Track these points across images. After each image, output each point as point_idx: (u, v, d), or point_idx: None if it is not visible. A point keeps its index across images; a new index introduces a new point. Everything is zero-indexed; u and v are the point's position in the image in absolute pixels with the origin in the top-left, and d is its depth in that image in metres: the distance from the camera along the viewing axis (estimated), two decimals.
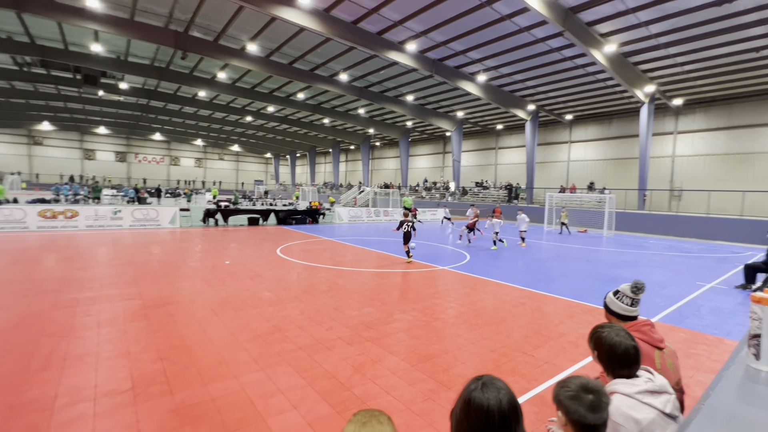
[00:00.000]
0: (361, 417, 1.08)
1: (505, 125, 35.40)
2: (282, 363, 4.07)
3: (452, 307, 6.27)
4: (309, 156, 55.81)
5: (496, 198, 32.14)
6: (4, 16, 17.53)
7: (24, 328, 4.77)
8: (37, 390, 3.37)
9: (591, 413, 1.27)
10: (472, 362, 4.26)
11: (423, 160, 46.37)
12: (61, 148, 51.86)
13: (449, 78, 21.46)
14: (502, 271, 9.40)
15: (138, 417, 3.03)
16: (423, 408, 3.31)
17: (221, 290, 6.83)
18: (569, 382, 1.36)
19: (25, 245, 10.76)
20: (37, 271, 7.80)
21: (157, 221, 16.23)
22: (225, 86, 27.23)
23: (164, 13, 16.86)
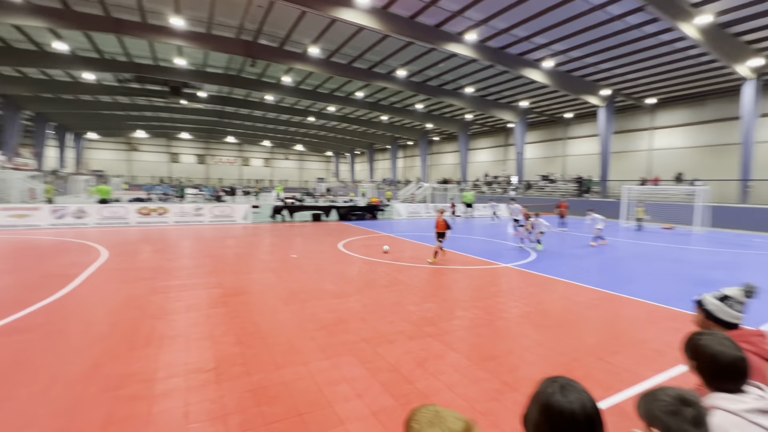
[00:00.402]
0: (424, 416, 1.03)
1: (575, 113, 32.84)
2: (346, 353, 4.22)
3: (517, 307, 6.01)
4: (368, 153, 56.88)
5: (564, 192, 30.02)
6: (108, 40, 20.24)
7: (129, 309, 5.51)
8: (142, 363, 3.88)
9: (696, 428, 1.10)
10: (540, 365, 4.05)
11: (483, 153, 44.83)
12: (152, 153, 58.88)
13: (512, 66, 20.43)
14: (573, 271, 8.77)
15: (222, 393, 3.36)
16: (488, 408, 3.23)
17: (289, 282, 7.26)
18: (661, 394, 1.19)
19: (128, 238, 12.38)
20: (137, 260, 8.95)
21: (232, 217, 17.70)
22: (289, 89, 28.72)
23: (235, 24, 18.22)
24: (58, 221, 14.54)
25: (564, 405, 1.04)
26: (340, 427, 2.92)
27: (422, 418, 1.05)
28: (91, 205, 15.65)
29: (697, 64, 20.16)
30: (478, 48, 18.87)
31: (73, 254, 9.43)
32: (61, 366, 3.78)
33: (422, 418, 1.05)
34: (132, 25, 17.47)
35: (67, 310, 5.44)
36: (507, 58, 20.11)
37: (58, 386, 3.41)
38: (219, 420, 2.98)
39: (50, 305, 5.60)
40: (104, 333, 4.63)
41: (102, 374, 3.64)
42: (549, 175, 33.80)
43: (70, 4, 16.27)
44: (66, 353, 4.07)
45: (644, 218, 18.04)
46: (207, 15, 17.21)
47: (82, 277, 7.16)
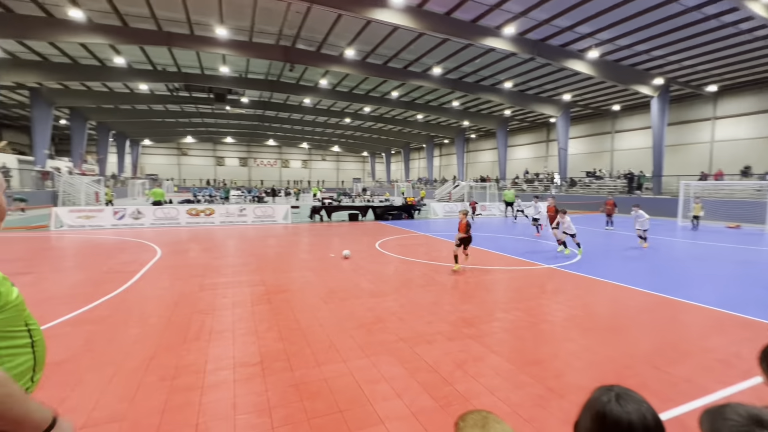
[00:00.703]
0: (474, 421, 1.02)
1: (624, 105, 30.90)
2: (385, 352, 4.24)
3: (561, 310, 5.74)
4: (403, 153, 56.82)
5: (612, 189, 28.31)
6: (160, 52, 21.74)
7: (182, 304, 5.87)
8: (193, 356, 4.12)
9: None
10: (588, 371, 3.84)
11: (523, 150, 43.36)
12: (199, 157, 62.52)
13: (554, 58, 19.56)
14: (624, 272, 8.25)
15: (266, 387, 3.48)
16: (532, 414, 3.11)
17: (328, 280, 7.40)
18: (730, 411, 1.03)
19: (179, 237, 13.21)
20: (187, 259, 9.52)
21: (273, 217, 18.37)
22: (326, 92, 29.34)
23: (275, 31, 18.88)
24: (119, 222, 15.80)
25: (621, 415, 0.96)
26: (380, 426, 2.94)
27: (470, 421, 1.03)
28: (146, 206, 16.86)
29: (766, 47, 18.25)
30: (517, 41, 18.26)
31: (131, 252, 10.21)
32: (123, 355, 4.10)
33: (470, 421, 1.03)
34: (181, 38, 18.64)
35: (128, 303, 5.89)
36: (548, 50, 19.30)
37: (121, 373, 3.70)
38: (265, 412, 3.09)
39: (113, 299, 6.09)
40: (160, 326, 4.96)
41: (158, 364, 3.90)
42: (595, 171, 32.02)
43: (128, 22, 17.63)
44: (127, 343, 4.41)
45: (701, 215, 16.55)
46: (249, 24, 17.98)
47: (140, 274, 7.73)
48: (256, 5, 16.12)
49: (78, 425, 2.90)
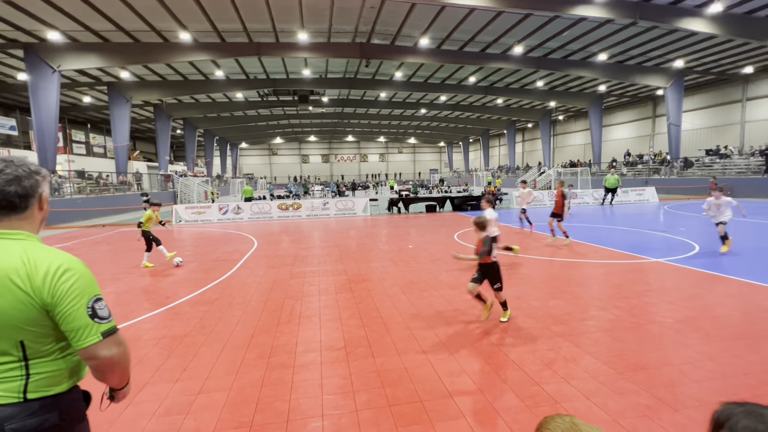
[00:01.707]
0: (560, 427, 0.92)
1: (759, 66, 25.38)
2: (466, 345, 4.14)
3: (674, 310, 4.98)
4: (482, 140, 54.51)
5: (743, 169, 23.57)
6: (252, 62, 23.96)
7: (275, 291, 6.45)
8: (286, 337, 4.50)
9: None
10: (711, 383, 3.27)
11: (622, 129, 38.48)
12: (287, 156, 67.86)
13: (662, 20, 16.81)
14: (761, 268, 6.84)
15: (350, 371, 3.65)
16: (636, 425, 2.76)
17: (407, 271, 7.47)
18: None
19: (272, 230, 14.53)
20: (279, 249, 10.43)
21: (353, 210, 19.15)
22: (401, 84, 29.40)
23: (350, 29, 19.43)
24: (223, 216, 17.96)
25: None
26: (461, 420, 2.88)
27: (556, 428, 0.94)
28: (244, 203, 18.88)
29: None
30: (613, 5, 16.08)
31: (234, 243, 11.53)
32: (229, 333, 4.66)
33: (556, 428, 0.94)
34: (269, 46, 20.28)
35: (232, 288, 6.67)
36: (654, 10, 16.64)
37: (228, 349, 4.21)
38: (349, 395, 3.25)
39: (220, 284, 6.95)
40: (258, 309, 5.52)
41: (257, 343, 4.35)
42: (719, 149, 26.93)
43: (225, 38, 19.74)
44: (232, 323, 5.00)
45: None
46: (327, 25, 18.79)
47: (241, 262, 8.69)
48: (333, 5, 16.75)
49: (196, 390, 3.38)
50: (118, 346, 1.28)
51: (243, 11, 16.94)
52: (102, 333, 1.23)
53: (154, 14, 16.88)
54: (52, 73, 18.73)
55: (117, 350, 1.27)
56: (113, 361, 1.26)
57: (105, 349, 1.23)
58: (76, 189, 22.14)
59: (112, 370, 1.28)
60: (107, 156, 37.50)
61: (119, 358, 1.28)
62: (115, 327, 1.29)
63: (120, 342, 1.29)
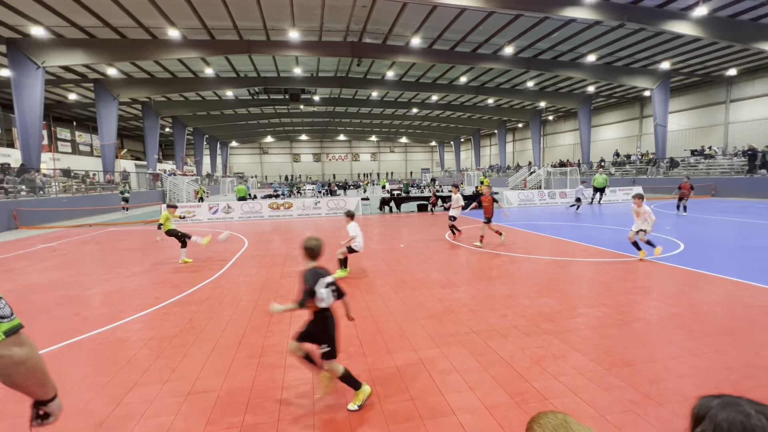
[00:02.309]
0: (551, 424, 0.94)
1: (743, 68, 26.00)
2: (456, 344, 4.17)
3: (659, 307, 5.09)
4: (473, 140, 54.84)
5: (726, 169, 24.12)
6: (242, 60, 23.73)
7: (266, 290, 6.41)
8: (277, 337, 4.48)
9: None
10: (695, 378, 3.35)
11: (611, 129, 39.06)
12: (278, 155, 67.36)
13: (648, 22, 17.12)
14: (743, 266, 7.01)
15: None
16: (623, 420, 2.81)
17: (398, 270, 7.50)
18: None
19: (263, 229, 14.43)
20: (270, 248, 10.36)
21: (345, 209, 19.11)
22: (393, 83, 29.42)
23: (342, 28, 19.37)
24: (213, 216, 17.78)
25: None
26: (451, 417, 2.90)
27: (548, 424, 0.95)
28: (235, 202, 18.70)
29: None
30: (602, 7, 16.32)
31: (224, 243, 11.41)
32: (219, 333, 4.62)
33: (548, 424, 0.95)
34: (259, 44, 20.11)
35: (222, 288, 6.61)
36: (641, 12, 16.93)
37: (218, 350, 4.18)
38: (339, 394, 3.25)
39: (210, 284, 6.88)
40: (248, 309, 5.49)
41: (248, 343, 4.33)
42: (704, 149, 27.52)
43: (215, 35, 19.53)
44: (222, 323, 4.96)
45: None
46: (318, 24, 18.71)
47: (231, 262, 8.62)
48: (324, 4, 16.68)
49: (185, 391, 3.35)
50: (21, 346, 1.22)
51: (233, 8, 16.78)
52: (3, 332, 1.18)
53: (141, 10, 16.62)
54: (36, 69, 18.32)
55: (20, 350, 1.21)
56: (16, 362, 1.20)
57: (5, 349, 1.18)
58: (61, 188, 21.70)
59: (17, 370, 1.21)
60: (94, 154, 36.87)
61: (25, 358, 1.22)
62: (19, 325, 1.24)
63: (23, 342, 1.23)
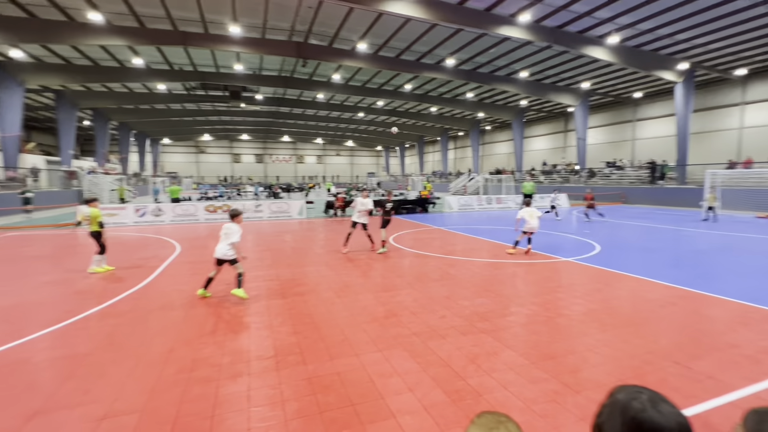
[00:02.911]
0: (487, 421, 0.97)
1: (646, 92, 29.80)
2: (398, 346, 4.24)
3: (579, 304, 5.62)
4: (417, 146, 56.41)
5: (633, 179, 27.43)
6: (177, 52, 22.13)
7: (199, 299, 6.00)
8: (210, 349, 4.21)
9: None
10: (606, 366, 3.75)
11: (540, 141, 42.44)
12: (217, 155, 63.63)
13: (571, 45, 18.96)
14: (645, 265, 8.00)
15: (280, 380, 3.54)
16: (546, 409, 3.06)
17: (342, 275, 7.45)
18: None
19: (198, 233, 13.51)
20: (206, 254, 9.71)
21: (288, 213, 18.57)
22: (339, 86, 29.31)
23: (287, 27, 18.92)
24: (140, 219, 16.27)
25: (659, 422, 0.88)
26: (391, 420, 2.94)
27: (482, 425, 0.99)
28: (166, 204, 17.29)
29: None
30: (532, 29, 17.76)
31: (152, 248, 10.50)
32: (144, 348, 4.23)
33: (482, 425, 0.99)
34: (196, 37, 18.89)
35: (148, 298, 6.07)
36: (566, 37, 18.71)
37: (141, 366, 3.82)
38: (278, 405, 3.14)
39: (135, 294, 6.28)
40: (178, 320, 5.09)
41: (177, 357, 4.01)
42: (615, 162, 31.06)
43: (145, 23, 17.98)
44: (147, 337, 4.54)
45: (715, 206, 15.86)
46: (261, 21, 18.07)
47: (160, 269, 7.95)
48: (268, 1, 16.17)
49: (99, 415, 3.02)
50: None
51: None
52: None
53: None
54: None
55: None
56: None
57: None
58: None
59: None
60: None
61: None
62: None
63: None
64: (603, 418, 0.97)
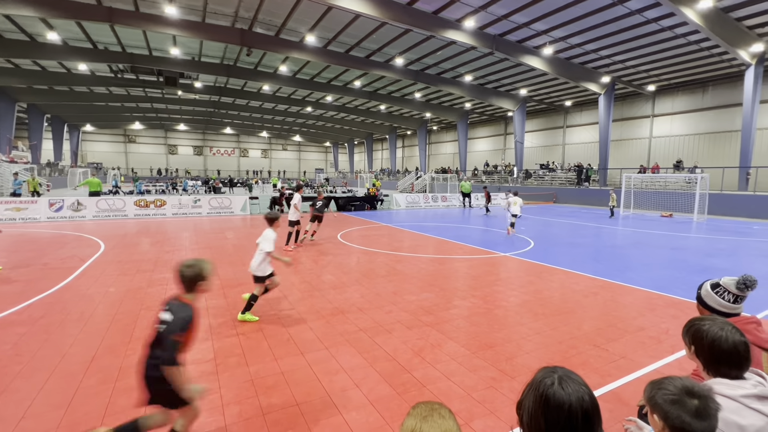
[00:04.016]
0: (421, 410, 1.03)
1: (575, 101, 32.61)
2: (344, 343, 4.24)
3: (515, 295, 6.02)
4: (366, 143, 56.54)
5: (563, 181, 29.95)
6: (101, 29, 19.91)
7: (128, 302, 5.51)
8: (140, 355, 3.88)
9: (696, 420, 1.10)
10: (537, 352, 4.07)
11: (483, 142, 44.61)
12: (150, 145, 58.47)
13: (511, 54, 20.17)
14: (571, 259, 8.79)
15: (220, 384, 3.37)
16: (484, 395, 3.25)
17: (288, 273, 7.25)
18: (668, 383, 1.19)
19: (126, 230, 12.35)
20: (135, 253, 8.93)
21: (230, 209, 17.66)
22: (286, 79, 28.39)
23: (230, 12, 17.90)
24: (56, 214, 14.49)
25: (563, 398, 1.03)
26: (337, 417, 2.94)
27: (416, 410, 1.05)
28: (88, 198, 15.55)
29: (699, 50, 19.95)
30: (476, 35, 18.61)
31: (70, 247, 9.41)
32: (60, 358, 3.79)
33: (416, 410, 1.05)
34: (125, 14, 17.16)
35: (65, 302, 5.44)
36: (506, 45, 19.86)
37: (55, 379, 3.42)
38: (217, 410, 2.99)
39: (48, 298, 5.59)
40: (102, 325, 4.63)
41: (99, 366, 3.65)
42: (548, 164, 33.67)
43: None
44: (63, 346, 4.07)
45: (614, 205, 18.51)
46: (201, 3, 16.90)
47: (80, 270, 7.15)
48: None
49: None
50: None
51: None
52: None
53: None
54: None
55: None
56: None
57: None
58: None
59: None
60: None
61: None
62: None
63: None
64: (523, 396, 1.12)
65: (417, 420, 1.00)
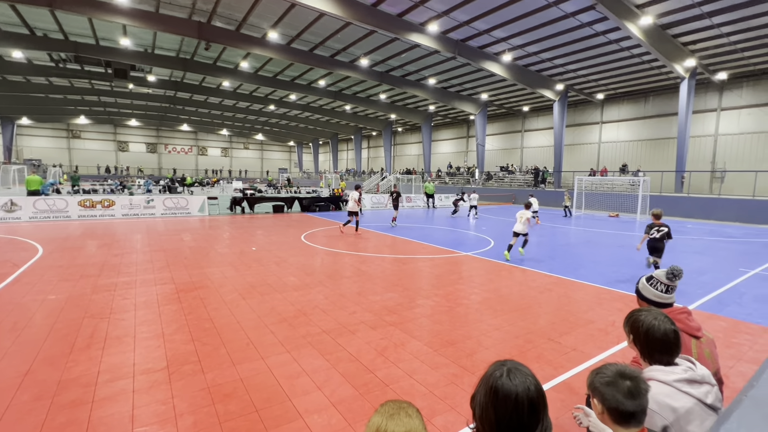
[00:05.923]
0: (388, 408, 1.04)
1: (532, 107, 34.16)
2: (307, 346, 4.16)
3: (476, 293, 6.20)
4: (331, 143, 56.01)
5: (522, 183, 31.28)
6: (40, 14, 18.29)
7: (69, 309, 5.09)
8: (82, 367, 3.60)
9: (629, 400, 1.23)
10: (496, 348, 4.22)
11: (446, 144, 45.58)
12: (97, 141, 54.38)
13: (473, 59, 20.79)
14: (528, 258, 9.19)
15: (173, 394, 3.19)
16: (446, 392, 3.31)
17: (248, 275, 7.02)
18: (605, 368, 1.33)
19: (69, 233, 11.42)
20: (79, 257, 8.28)
21: (187, 209, 16.83)
22: (248, 75, 27.51)
23: (187, 4, 17.07)
24: None
25: (510, 388, 1.09)
26: (298, 421, 2.88)
27: (384, 409, 1.05)
28: (22, 197, 14.21)
29: (641, 63, 21.58)
30: (440, 39, 19.00)
31: (1, 251, 8.56)
32: None
33: (384, 409, 1.05)
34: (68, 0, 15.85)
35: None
36: (468, 50, 20.44)
37: None
38: (169, 421, 2.83)
39: None
40: (38, 336, 4.25)
41: (35, 381, 3.34)
42: (508, 166, 35.04)
43: None
44: None
45: (569, 205, 19.75)
46: None
47: (13, 276, 6.52)
48: None
49: None
50: None
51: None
52: None
53: None
54: None
55: None
56: None
57: None
58: None
59: None
60: None
61: None
62: None
63: None
64: (476, 390, 1.18)
65: (383, 418, 1.01)
